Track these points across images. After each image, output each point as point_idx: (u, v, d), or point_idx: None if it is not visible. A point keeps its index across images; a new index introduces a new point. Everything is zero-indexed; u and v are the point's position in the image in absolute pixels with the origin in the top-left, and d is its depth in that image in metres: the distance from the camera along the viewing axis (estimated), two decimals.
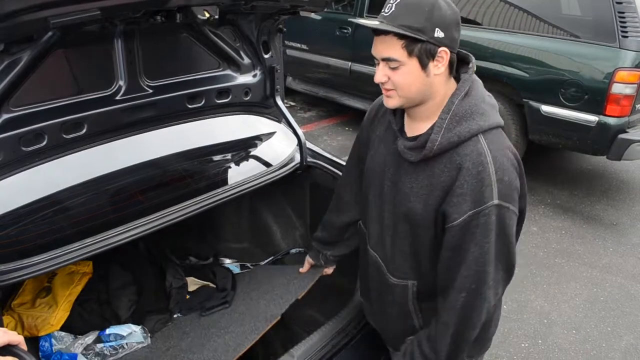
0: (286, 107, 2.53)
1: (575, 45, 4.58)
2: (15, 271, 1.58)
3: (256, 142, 2.54)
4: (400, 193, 1.49)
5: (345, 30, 6.09)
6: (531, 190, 5.09)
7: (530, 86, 4.77)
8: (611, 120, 4.39)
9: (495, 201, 1.31)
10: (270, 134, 2.54)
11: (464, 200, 1.33)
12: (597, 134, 4.47)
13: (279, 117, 2.54)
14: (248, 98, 2.41)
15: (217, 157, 2.46)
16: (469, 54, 1.45)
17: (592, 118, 4.45)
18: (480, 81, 1.44)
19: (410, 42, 1.30)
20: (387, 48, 1.34)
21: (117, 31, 1.87)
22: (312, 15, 2.34)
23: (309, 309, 2.26)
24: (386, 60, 1.36)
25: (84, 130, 1.92)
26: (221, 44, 2.23)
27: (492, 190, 1.31)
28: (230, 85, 2.33)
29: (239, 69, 2.35)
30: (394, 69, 1.35)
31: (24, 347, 1.15)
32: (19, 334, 1.18)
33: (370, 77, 5.05)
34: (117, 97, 1.99)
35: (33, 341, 2.01)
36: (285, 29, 2.35)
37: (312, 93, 6.83)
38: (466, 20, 5.20)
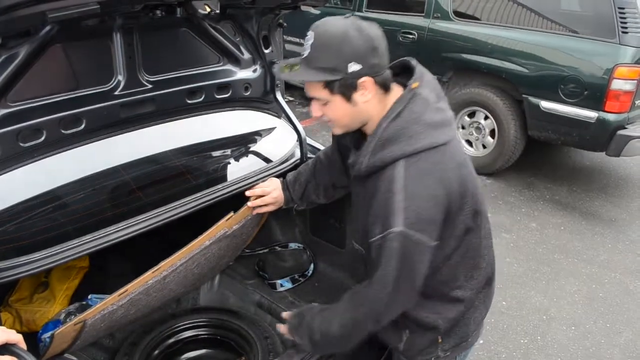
0: (285, 102, 2.52)
1: (575, 41, 4.57)
2: (12, 269, 1.56)
3: (256, 137, 2.53)
4: (356, 206, 1.62)
5: None
6: (530, 186, 5.10)
7: (529, 82, 4.76)
8: (610, 117, 4.39)
9: (399, 228, 1.33)
10: (271, 130, 2.52)
11: (375, 222, 1.39)
12: (597, 130, 4.47)
13: (279, 112, 2.52)
14: (248, 93, 2.39)
15: (217, 153, 2.45)
16: (415, 65, 1.45)
17: (591, 114, 4.45)
18: (423, 95, 1.42)
19: (328, 82, 1.37)
20: (311, 90, 1.42)
21: (116, 25, 1.84)
22: (312, 10, 2.32)
23: None
24: (314, 98, 1.43)
25: (83, 126, 1.89)
26: (221, 38, 2.21)
27: (397, 218, 1.33)
28: (230, 81, 2.31)
29: (239, 64, 2.33)
30: (324, 104, 1.43)
31: (23, 345, 1.14)
32: (17, 329, 1.17)
33: None
34: (116, 92, 1.96)
35: (31, 337, 1.99)
36: (285, 24, 2.33)
37: None
38: (465, 16, 5.19)
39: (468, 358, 1.83)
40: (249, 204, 1.90)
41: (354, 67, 1.34)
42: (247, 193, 1.91)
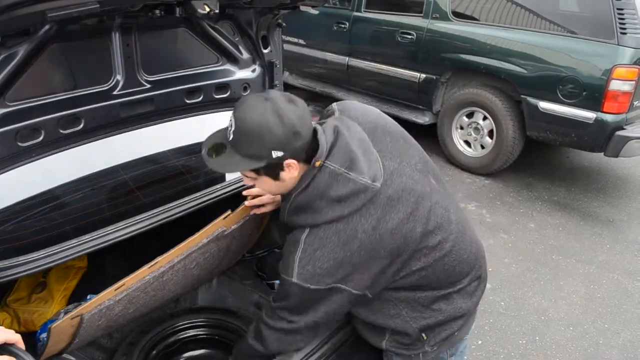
0: None
1: (574, 41, 4.57)
2: (10, 268, 1.56)
3: None
4: None
5: (343, 25, 6.07)
6: (528, 187, 5.11)
7: (528, 82, 4.76)
8: (609, 117, 4.39)
9: (294, 280, 1.45)
10: None
11: (282, 261, 1.51)
12: (595, 130, 4.47)
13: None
14: (247, 93, 2.39)
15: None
16: (319, 138, 1.43)
17: (589, 115, 4.45)
18: (330, 169, 1.42)
19: (253, 168, 1.43)
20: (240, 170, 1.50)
21: (115, 25, 1.84)
22: (311, 10, 2.32)
23: None
24: (243, 175, 1.51)
25: (81, 126, 1.89)
26: (220, 38, 2.21)
27: (293, 271, 1.45)
28: (229, 80, 2.31)
29: (238, 63, 2.33)
30: (253, 179, 1.50)
31: (22, 345, 1.14)
32: (15, 330, 1.16)
33: (368, 72, 5.11)
34: (115, 92, 1.96)
35: (30, 337, 1.99)
36: (284, 24, 2.33)
37: (309, 88, 6.81)
38: (464, 16, 5.19)
39: (464, 355, 1.83)
40: (247, 203, 1.91)
41: (277, 154, 1.37)
42: (245, 192, 1.92)
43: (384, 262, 1.47)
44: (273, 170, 1.42)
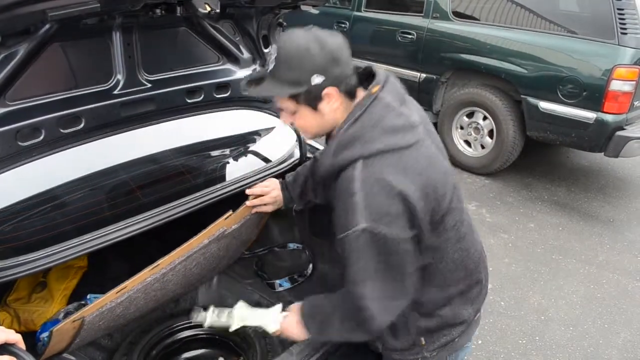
0: None
1: (574, 41, 4.57)
2: (11, 268, 1.55)
3: (255, 137, 2.52)
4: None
5: (343, 25, 6.07)
6: (528, 187, 5.10)
7: (528, 82, 4.76)
8: (609, 117, 4.39)
9: (362, 225, 1.34)
10: (270, 130, 2.52)
11: (338, 222, 1.41)
12: (595, 130, 4.48)
13: (278, 112, 2.52)
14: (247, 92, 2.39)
15: (216, 153, 2.44)
16: (377, 71, 1.49)
17: (590, 115, 4.46)
18: (385, 100, 1.43)
19: (294, 94, 1.40)
20: (278, 101, 1.47)
21: (116, 24, 1.84)
22: (311, 9, 2.32)
23: None
24: (282, 109, 1.48)
25: (82, 125, 1.89)
26: (221, 38, 2.20)
27: (358, 215, 1.34)
28: (230, 80, 2.30)
29: (239, 63, 2.33)
30: (292, 114, 1.47)
31: (22, 345, 1.14)
32: (15, 329, 1.16)
33: None
34: (116, 92, 1.96)
35: (30, 336, 1.99)
36: (285, 23, 2.33)
37: None
38: (464, 16, 5.19)
39: (466, 358, 1.82)
40: (248, 203, 1.91)
41: (317, 79, 1.37)
42: (247, 192, 1.91)
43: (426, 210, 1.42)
44: (312, 99, 1.41)
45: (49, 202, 1.89)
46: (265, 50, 2.36)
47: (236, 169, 2.23)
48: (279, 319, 1.68)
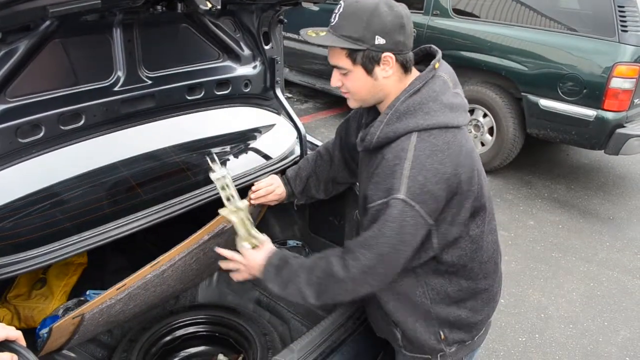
0: (285, 98, 2.51)
1: (574, 39, 4.57)
2: (11, 265, 1.55)
3: (256, 134, 2.52)
4: (360, 180, 1.61)
5: None
6: (528, 184, 5.10)
7: (528, 80, 4.75)
8: (609, 115, 4.39)
9: (401, 196, 1.34)
10: (270, 126, 2.51)
11: (377, 188, 1.39)
12: (595, 128, 4.48)
13: (278, 109, 2.52)
14: (248, 90, 2.39)
15: (216, 150, 2.44)
16: (437, 50, 1.52)
17: (590, 112, 4.45)
18: (443, 78, 1.46)
19: (352, 52, 1.39)
20: (334, 57, 1.44)
21: (116, 21, 1.83)
22: (312, 6, 2.32)
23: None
24: (335, 67, 1.45)
25: (82, 122, 1.88)
26: (221, 34, 2.20)
27: (401, 185, 1.34)
28: (230, 77, 2.30)
29: (239, 60, 2.32)
30: (344, 74, 1.44)
31: (23, 342, 1.14)
32: (15, 326, 1.16)
33: None
34: (116, 88, 1.95)
35: (30, 333, 1.99)
36: (286, 20, 2.33)
37: (309, 85, 6.80)
38: (465, 13, 5.18)
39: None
40: (253, 199, 1.88)
41: (379, 40, 1.36)
42: (252, 195, 1.88)
43: (462, 198, 1.43)
44: (370, 60, 1.39)
45: (49, 199, 1.89)
46: (266, 47, 2.36)
47: (237, 166, 2.22)
48: (248, 248, 1.65)
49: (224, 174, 1.62)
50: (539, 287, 3.69)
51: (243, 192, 1.94)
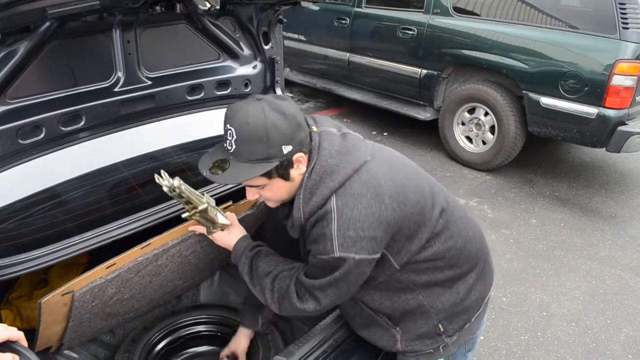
0: None
1: (575, 36, 4.55)
2: (12, 266, 1.55)
3: None
4: (303, 251, 1.61)
5: (343, 21, 6.05)
6: (530, 183, 5.10)
7: (529, 78, 4.75)
8: (611, 113, 4.38)
9: (337, 254, 1.38)
10: None
11: (313, 247, 1.45)
12: (597, 126, 4.46)
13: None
14: (248, 89, 2.39)
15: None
16: (307, 116, 1.50)
17: (591, 110, 4.44)
18: (325, 130, 1.48)
19: (268, 170, 1.39)
20: (248, 181, 1.43)
21: (116, 21, 1.84)
22: (311, 5, 2.32)
23: None
24: (251, 187, 1.48)
25: (82, 123, 1.89)
26: (221, 34, 2.20)
27: (333, 246, 1.38)
28: (230, 77, 2.30)
29: (239, 60, 2.33)
30: (261, 188, 1.47)
31: (24, 343, 1.14)
32: (17, 326, 1.16)
33: (369, 68, 5.09)
34: (116, 89, 1.96)
35: (32, 333, 1.99)
36: (285, 20, 2.33)
37: (309, 84, 6.80)
38: (465, 12, 5.18)
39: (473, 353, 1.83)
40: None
41: (287, 148, 1.37)
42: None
43: (409, 209, 1.47)
44: (284, 169, 1.41)
45: (50, 200, 1.89)
46: (266, 47, 2.36)
47: None
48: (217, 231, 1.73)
49: (175, 184, 1.61)
50: (541, 285, 3.69)
51: (239, 194, 1.94)
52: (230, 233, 1.73)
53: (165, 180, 1.61)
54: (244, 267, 1.65)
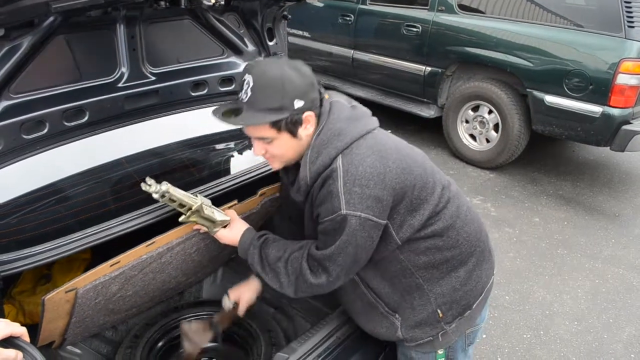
0: None
1: (580, 35, 4.53)
2: (16, 261, 1.55)
3: None
4: (306, 221, 1.67)
5: (348, 18, 6.04)
6: (534, 181, 5.08)
7: (534, 76, 4.73)
8: (615, 111, 4.36)
9: (344, 211, 1.43)
10: None
11: (323, 209, 1.48)
12: (601, 124, 4.45)
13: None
14: None
15: (221, 146, 2.44)
16: (320, 84, 1.56)
17: (596, 109, 4.42)
18: (337, 100, 1.56)
19: (275, 121, 1.44)
20: (257, 130, 1.49)
21: (120, 16, 1.83)
22: (316, 2, 2.32)
23: (313, 299, 2.25)
24: (259, 139, 1.51)
25: (86, 118, 1.89)
26: (225, 30, 2.20)
27: (340, 202, 1.43)
28: (234, 73, 2.30)
29: (243, 56, 2.32)
30: (268, 143, 1.50)
31: (27, 338, 1.14)
32: (20, 321, 1.16)
33: (373, 65, 5.08)
34: (120, 84, 1.96)
35: (35, 329, 1.99)
36: (290, 16, 2.32)
37: None
38: (470, 9, 5.16)
39: (473, 350, 1.83)
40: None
41: (298, 103, 1.43)
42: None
43: (412, 180, 1.52)
44: (293, 124, 1.45)
45: (53, 195, 1.89)
46: (270, 43, 2.35)
47: (241, 162, 2.22)
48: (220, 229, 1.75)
49: (164, 189, 1.60)
50: (544, 283, 3.68)
51: (243, 190, 1.94)
52: (232, 229, 1.75)
53: (153, 187, 1.61)
54: (253, 257, 1.67)
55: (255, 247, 1.67)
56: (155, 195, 1.60)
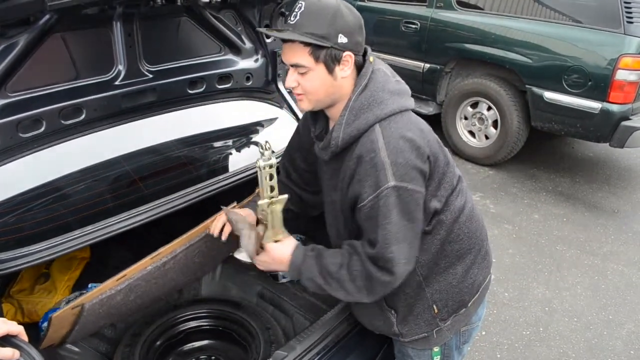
0: (287, 92, 2.50)
1: (579, 30, 4.53)
2: (13, 260, 1.55)
3: (258, 128, 2.51)
4: (326, 186, 1.65)
5: None
6: (533, 178, 5.08)
7: (533, 72, 4.72)
8: (614, 107, 4.36)
9: (392, 183, 1.38)
10: (272, 120, 2.51)
11: (363, 186, 1.42)
12: (600, 121, 4.44)
13: (280, 102, 2.51)
14: (250, 83, 2.38)
15: (218, 144, 2.44)
16: (366, 46, 1.53)
17: (595, 105, 4.42)
18: (382, 69, 1.52)
19: (315, 49, 1.40)
20: (295, 55, 1.43)
21: (116, 14, 1.82)
22: None
23: (311, 296, 2.25)
24: (295, 66, 1.45)
25: (83, 116, 1.88)
26: (222, 27, 2.19)
27: (387, 173, 1.39)
28: (232, 70, 2.29)
29: (241, 53, 2.31)
30: (302, 74, 1.44)
31: (24, 337, 1.14)
32: (18, 320, 1.16)
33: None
34: (117, 82, 1.95)
35: (33, 327, 1.99)
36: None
37: None
38: (468, 5, 5.15)
39: (469, 347, 1.82)
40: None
41: (342, 39, 1.40)
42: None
43: (443, 159, 1.53)
44: (332, 59, 1.41)
45: (51, 194, 1.89)
46: (268, 40, 2.35)
47: (238, 160, 2.22)
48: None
49: (273, 163, 1.51)
50: (543, 280, 3.68)
51: (243, 187, 1.94)
52: (284, 243, 1.61)
53: (266, 154, 1.51)
54: (312, 270, 1.55)
55: (311, 259, 1.56)
56: (261, 162, 1.50)
